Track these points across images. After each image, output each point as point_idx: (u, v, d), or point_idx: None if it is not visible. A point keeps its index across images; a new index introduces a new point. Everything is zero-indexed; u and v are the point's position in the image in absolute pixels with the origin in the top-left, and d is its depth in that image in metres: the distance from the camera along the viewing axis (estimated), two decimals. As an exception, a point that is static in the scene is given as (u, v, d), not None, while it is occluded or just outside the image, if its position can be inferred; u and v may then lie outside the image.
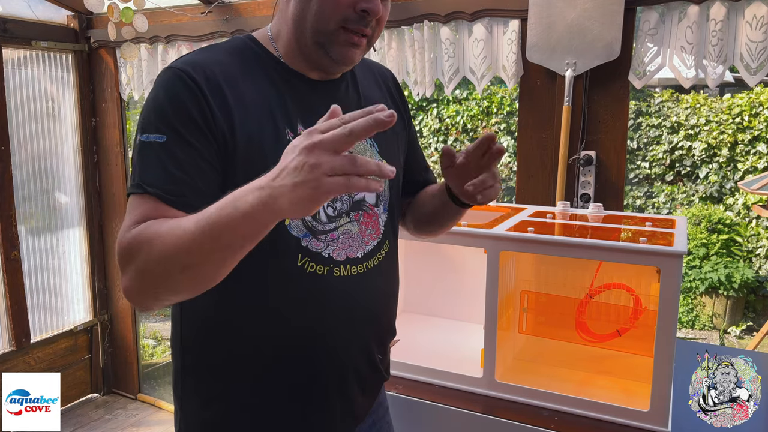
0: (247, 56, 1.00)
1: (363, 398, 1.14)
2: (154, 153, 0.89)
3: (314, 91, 1.02)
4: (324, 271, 1.00)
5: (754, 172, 5.40)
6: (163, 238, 0.80)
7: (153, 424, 3.18)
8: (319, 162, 0.69)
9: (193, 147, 0.90)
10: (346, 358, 1.07)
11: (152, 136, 0.90)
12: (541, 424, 1.31)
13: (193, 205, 0.84)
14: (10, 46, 2.89)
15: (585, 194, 2.01)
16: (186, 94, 0.91)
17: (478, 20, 2.11)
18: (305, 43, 0.98)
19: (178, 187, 0.88)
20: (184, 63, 0.94)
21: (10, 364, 2.96)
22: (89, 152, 3.27)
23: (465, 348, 1.62)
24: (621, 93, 1.95)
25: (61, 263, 3.25)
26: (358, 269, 1.05)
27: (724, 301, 5.23)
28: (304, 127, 0.97)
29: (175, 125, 0.90)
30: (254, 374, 1.03)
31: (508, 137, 6.08)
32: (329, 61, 0.99)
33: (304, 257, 0.99)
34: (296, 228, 0.98)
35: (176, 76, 0.93)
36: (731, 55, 1.80)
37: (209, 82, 0.93)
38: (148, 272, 0.83)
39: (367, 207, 1.07)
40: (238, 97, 0.95)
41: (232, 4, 2.66)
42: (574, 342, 1.53)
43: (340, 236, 1.02)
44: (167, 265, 0.81)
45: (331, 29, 0.95)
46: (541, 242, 1.35)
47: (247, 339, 1.02)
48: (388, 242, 1.12)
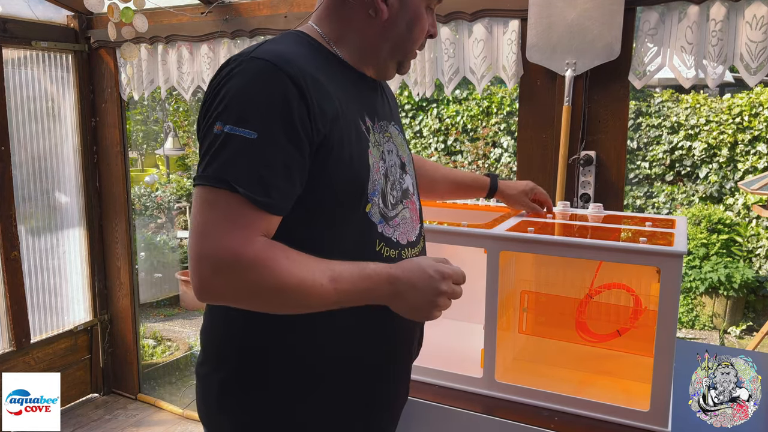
0: (317, 52, 1.03)
1: (408, 377, 1.24)
2: (241, 148, 0.88)
3: (369, 89, 1.12)
4: (395, 255, 1.07)
5: (754, 172, 5.40)
6: (290, 277, 0.89)
7: (153, 425, 3.17)
8: (444, 305, 1.00)
9: (284, 149, 0.90)
10: (412, 336, 1.16)
11: (241, 130, 0.88)
12: (541, 424, 1.31)
13: (277, 207, 0.91)
14: (10, 46, 2.89)
15: (585, 194, 2.01)
16: (288, 95, 0.90)
17: (478, 20, 2.11)
18: (385, 57, 1.09)
19: (267, 192, 0.88)
20: (276, 57, 0.93)
21: (10, 364, 2.96)
22: (89, 152, 3.27)
23: (465, 348, 1.62)
24: (621, 93, 1.95)
25: (61, 263, 3.25)
26: (415, 252, 1.13)
27: (724, 301, 5.23)
28: (370, 119, 1.07)
29: (270, 124, 0.89)
30: (341, 357, 1.06)
31: (508, 137, 6.08)
32: (394, 72, 1.13)
33: (380, 243, 1.05)
34: (375, 215, 1.04)
35: (275, 71, 0.91)
36: (731, 55, 1.80)
37: (306, 76, 0.93)
38: (255, 293, 0.90)
39: (410, 195, 1.15)
40: (328, 88, 0.97)
41: (232, 4, 2.66)
42: (574, 342, 1.53)
43: (400, 222, 1.10)
44: (278, 300, 0.91)
45: (412, 50, 1.10)
46: (541, 242, 1.35)
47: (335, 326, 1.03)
48: (422, 228, 1.22)
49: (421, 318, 1.01)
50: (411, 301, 0.97)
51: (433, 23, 1.11)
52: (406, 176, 1.15)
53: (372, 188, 1.03)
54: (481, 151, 6.22)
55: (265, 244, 0.89)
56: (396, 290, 0.96)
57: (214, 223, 0.87)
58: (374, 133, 1.07)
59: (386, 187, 1.07)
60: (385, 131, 1.11)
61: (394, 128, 1.16)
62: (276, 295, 0.90)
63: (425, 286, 0.97)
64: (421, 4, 1.06)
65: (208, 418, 1.10)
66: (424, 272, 0.97)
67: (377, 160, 1.05)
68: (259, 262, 0.87)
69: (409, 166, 1.18)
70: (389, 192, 1.08)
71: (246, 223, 0.88)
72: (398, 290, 0.96)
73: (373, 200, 1.03)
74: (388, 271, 0.96)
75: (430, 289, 0.97)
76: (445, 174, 1.57)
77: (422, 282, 0.97)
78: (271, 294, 0.90)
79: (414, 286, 0.96)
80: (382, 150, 1.08)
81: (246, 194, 0.87)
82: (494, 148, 6.21)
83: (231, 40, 2.68)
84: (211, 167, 0.88)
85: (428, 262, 0.99)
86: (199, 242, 0.87)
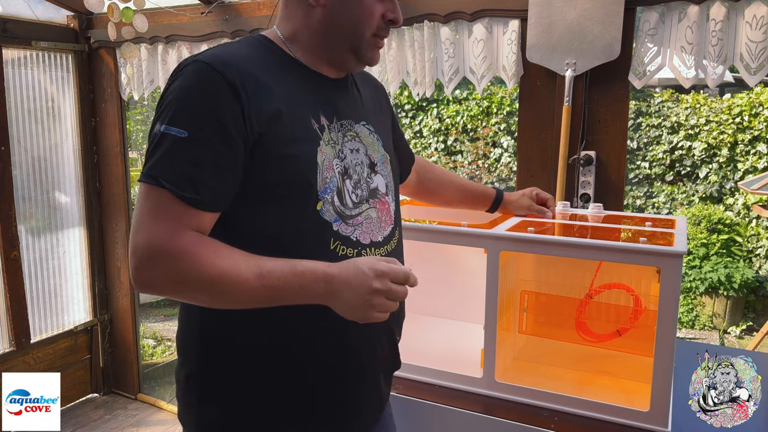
0: (270, 54, 1.05)
1: (385, 385, 1.19)
2: (172, 147, 0.92)
3: (329, 87, 1.10)
4: (353, 254, 1.05)
5: (754, 172, 5.40)
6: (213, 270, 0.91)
7: (153, 425, 3.17)
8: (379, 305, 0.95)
9: (214, 148, 0.93)
10: (375, 340, 1.11)
11: (173, 129, 0.92)
12: (541, 424, 1.31)
13: (205, 203, 0.93)
14: (10, 46, 2.89)
15: (585, 194, 2.01)
16: (219, 95, 0.94)
17: (478, 20, 2.11)
18: (335, 47, 1.07)
19: (194, 188, 0.92)
20: (215, 59, 0.97)
21: (10, 364, 2.96)
22: (89, 152, 3.27)
23: (465, 348, 1.62)
24: (621, 93, 1.95)
25: (61, 263, 3.25)
26: (380, 252, 1.11)
27: (724, 301, 5.23)
28: (325, 117, 1.05)
29: (201, 124, 0.93)
30: (291, 359, 1.04)
31: (508, 137, 6.08)
32: (357, 63, 1.10)
33: (336, 241, 1.03)
34: (328, 213, 1.03)
35: (210, 72, 0.95)
36: (731, 55, 1.80)
37: (243, 76, 0.96)
38: (180, 284, 0.93)
39: (380, 195, 1.13)
40: (270, 88, 0.99)
41: (232, 4, 2.66)
42: (574, 342, 1.53)
43: (363, 221, 1.08)
44: (206, 292, 0.94)
45: (367, 36, 1.06)
46: (541, 242, 1.35)
47: (283, 324, 1.03)
48: (398, 229, 1.19)
49: (358, 318, 0.96)
50: (346, 299, 0.95)
51: (393, 7, 1.06)
52: (376, 176, 1.13)
53: (322, 186, 1.02)
54: (481, 151, 6.23)
55: (194, 237, 0.92)
56: (332, 289, 0.94)
57: (146, 216, 0.92)
58: (330, 131, 1.06)
59: (343, 186, 1.05)
60: (348, 130, 1.10)
61: (364, 128, 1.14)
62: (201, 288, 0.93)
63: (359, 283, 0.94)
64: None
65: (182, 417, 1.13)
66: (359, 269, 0.94)
67: (330, 158, 1.04)
68: (185, 254, 0.90)
69: (383, 166, 1.16)
70: (350, 191, 1.06)
71: (173, 218, 0.92)
72: (334, 289, 0.94)
73: (325, 198, 1.02)
74: (324, 270, 0.94)
75: (364, 287, 0.94)
76: (453, 180, 1.57)
77: (356, 280, 0.94)
78: (196, 286, 0.93)
79: (349, 284, 0.94)
80: (339, 148, 1.06)
81: (173, 190, 0.91)
82: (494, 148, 6.21)
83: (231, 40, 2.68)
84: (147, 164, 0.93)
85: (366, 260, 0.97)
86: (132, 235, 0.93)
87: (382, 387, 1.18)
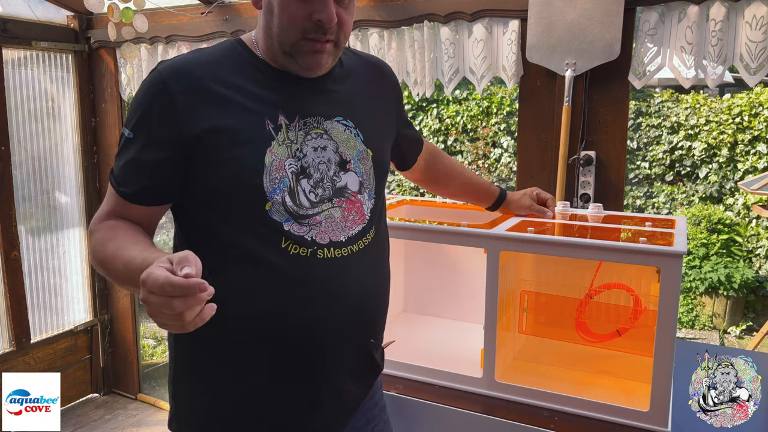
0: (234, 57, 1.08)
1: (354, 386, 1.15)
2: (122, 145, 1.05)
3: (296, 86, 1.09)
4: (307, 253, 1.04)
5: (754, 172, 5.40)
6: (103, 253, 1.01)
7: (153, 425, 3.17)
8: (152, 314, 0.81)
9: (145, 149, 1.02)
10: (333, 341, 1.08)
11: (126, 131, 1.04)
12: (541, 424, 1.31)
13: (131, 196, 1.04)
14: (10, 46, 2.89)
15: (585, 194, 2.01)
16: (158, 102, 1.01)
17: (478, 20, 2.11)
18: (277, 52, 1.06)
19: (125, 182, 1.04)
20: (170, 66, 1.04)
21: (10, 364, 2.96)
22: (89, 152, 3.27)
23: (465, 348, 1.62)
24: (621, 93, 1.95)
25: (61, 263, 3.25)
26: (342, 252, 1.08)
27: (724, 301, 5.23)
28: (285, 117, 1.06)
29: (141, 127, 1.03)
30: (242, 358, 1.06)
31: (508, 137, 6.08)
32: (299, 68, 1.07)
33: (287, 240, 1.03)
34: (278, 213, 1.03)
35: (157, 79, 1.02)
36: (731, 56, 1.80)
37: (191, 83, 1.02)
38: (92, 258, 1.06)
39: (349, 194, 1.11)
40: (221, 94, 1.03)
41: (232, 4, 2.66)
42: (574, 342, 1.53)
43: (322, 221, 1.06)
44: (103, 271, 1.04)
45: (294, 41, 1.03)
46: (541, 242, 1.35)
47: (235, 322, 1.04)
48: (374, 227, 1.15)
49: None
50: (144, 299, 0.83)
51: (321, 7, 1.00)
52: (346, 174, 1.10)
53: (270, 187, 1.02)
54: (481, 151, 6.23)
55: (112, 223, 1.05)
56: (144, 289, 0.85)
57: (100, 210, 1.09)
58: (288, 131, 1.05)
59: (297, 185, 1.04)
60: (314, 128, 1.08)
61: (339, 124, 1.11)
62: (98, 265, 1.03)
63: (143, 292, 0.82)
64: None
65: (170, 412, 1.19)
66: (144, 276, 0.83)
67: (282, 158, 1.03)
68: (95, 235, 1.05)
69: (358, 164, 1.12)
70: (306, 190, 1.05)
71: (108, 205, 1.07)
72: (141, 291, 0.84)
73: (274, 198, 1.02)
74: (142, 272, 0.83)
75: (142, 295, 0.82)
76: (461, 174, 1.57)
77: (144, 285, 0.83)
78: (97, 263, 1.04)
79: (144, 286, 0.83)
80: (297, 148, 1.05)
81: (112, 182, 1.06)
82: (494, 148, 6.21)
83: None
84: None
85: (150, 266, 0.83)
86: None
87: (347, 389, 1.14)
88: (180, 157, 1.02)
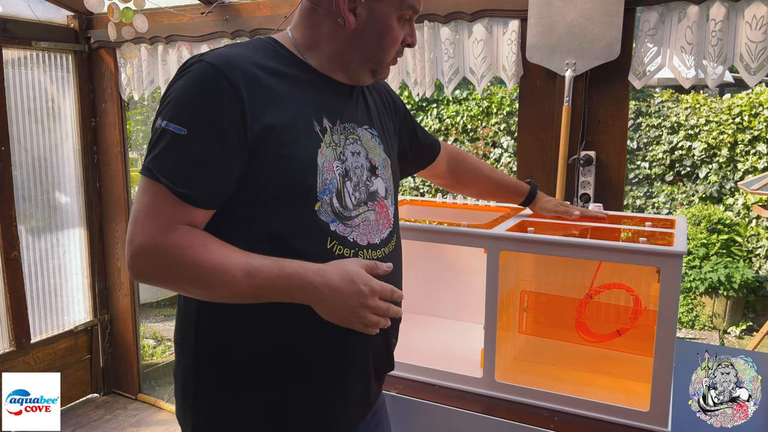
0: (277, 56, 1.07)
1: (376, 384, 1.19)
2: (171, 143, 0.95)
3: (335, 92, 1.12)
4: (350, 254, 1.06)
5: (754, 172, 5.40)
6: (202, 264, 0.94)
7: (153, 425, 3.17)
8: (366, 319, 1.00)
9: (210, 147, 0.95)
10: (369, 340, 1.11)
11: (173, 126, 0.95)
12: (541, 424, 1.31)
13: (196, 199, 0.95)
14: (10, 46, 2.89)
15: (585, 194, 2.01)
16: (220, 96, 0.96)
17: (478, 20, 2.11)
18: (354, 65, 1.10)
19: (187, 185, 0.95)
20: (220, 59, 0.98)
21: (10, 364, 2.96)
22: (89, 152, 3.27)
23: (465, 348, 1.62)
24: (621, 93, 1.95)
25: (61, 263, 3.25)
26: (378, 254, 1.12)
27: (724, 301, 5.23)
28: (328, 120, 1.07)
29: (200, 123, 0.95)
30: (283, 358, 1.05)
31: (508, 137, 6.08)
32: (369, 78, 1.14)
33: (332, 240, 1.05)
34: (325, 214, 1.04)
35: (213, 73, 0.97)
36: (731, 55, 1.80)
37: (247, 78, 0.98)
38: (172, 276, 0.96)
39: (379, 198, 1.15)
40: (273, 90, 1.02)
41: (232, 4, 2.66)
42: (574, 342, 1.53)
43: (360, 223, 1.09)
44: (196, 285, 0.97)
45: (389, 59, 1.11)
46: (541, 242, 1.35)
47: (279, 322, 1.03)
48: (397, 232, 1.20)
49: (341, 324, 1.01)
50: (335, 308, 0.99)
51: (411, 32, 1.11)
52: (377, 179, 1.15)
53: (321, 187, 1.03)
54: (481, 151, 6.22)
55: (186, 232, 0.95)
56: (320, 294, 0.98)
57: (143, 209, 0.95)
58: (332, 134, 1.07)
59: (343, 187, 1.07)
60: (351, 133, 1.11)
61: (367, 132, 1.16)
62: (190, 281, 0.96)
63: (351, 294, 0.98)
64: (392, 14, 1.05)
65: (178, 412, 1.14)
66: (353, 283, 0.98)
67: (330, 160, 1.05)
68: (176, 248, 0.94)
69: (383, 170, 1.17)
70: (350, 192, 1.08)
71: (166, 212, 0.95)
72: (322, 294, 0.98)
73: (324, 199, 1.03)
74: (313, 276, 0.97)
75: (358, 303, 0.99)
76: (487, 173, 1.57)
77: (349, 292, 0.98)
78: (186, 279, 0.96)
79: (340, 294, 0.98)
80: (340, 151, 1.08)
81: (167, 185, 0.94)
82: (494, 148, 6.21)
83: (231, 40, 2.68)
84: (148, 158, 0.96)
85: (359, 274, 1.00)
86: (130, 226, 0.96)
87: (372, 386, 1.18)
88: (243, 155, 0.98)
